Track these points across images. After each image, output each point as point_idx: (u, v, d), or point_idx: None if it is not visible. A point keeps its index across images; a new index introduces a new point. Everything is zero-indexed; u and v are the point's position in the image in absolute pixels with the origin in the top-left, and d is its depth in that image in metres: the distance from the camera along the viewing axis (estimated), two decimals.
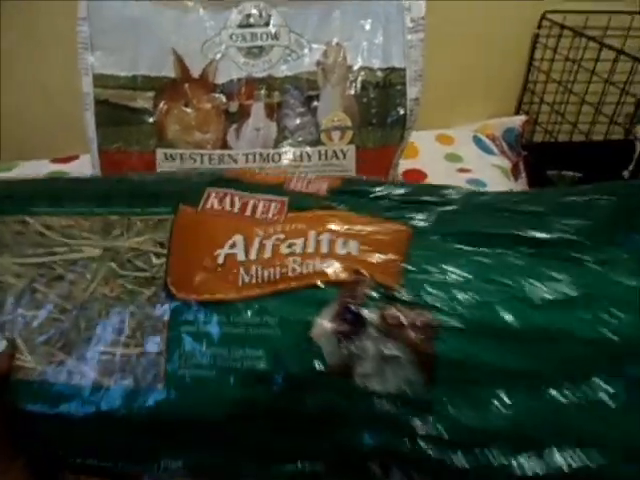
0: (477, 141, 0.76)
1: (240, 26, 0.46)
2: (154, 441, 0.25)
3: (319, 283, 0.24)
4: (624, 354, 0.22)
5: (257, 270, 0.25)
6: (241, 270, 0.25)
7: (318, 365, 0.23)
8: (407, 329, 0.23)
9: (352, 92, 0.46)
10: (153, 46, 0.44)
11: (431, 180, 0.66)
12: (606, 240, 0.24)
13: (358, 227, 0.26)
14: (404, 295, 0.23)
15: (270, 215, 0.28)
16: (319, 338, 0.23)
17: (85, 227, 0.28)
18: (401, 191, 0.30)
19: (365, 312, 0.23)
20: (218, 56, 0.46)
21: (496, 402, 0.22)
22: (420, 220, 0.27)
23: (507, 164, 0.74)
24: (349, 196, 0.29)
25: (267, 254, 0.25)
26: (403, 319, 0.23)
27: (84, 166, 0.70)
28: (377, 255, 0.25)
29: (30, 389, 0.25)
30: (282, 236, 0.26)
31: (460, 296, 0.23)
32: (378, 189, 0.30)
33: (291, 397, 0.23)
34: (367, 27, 0.46)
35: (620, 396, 0.21)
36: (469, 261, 0.24)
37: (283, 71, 0.46)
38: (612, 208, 0.26)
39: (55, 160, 0.72)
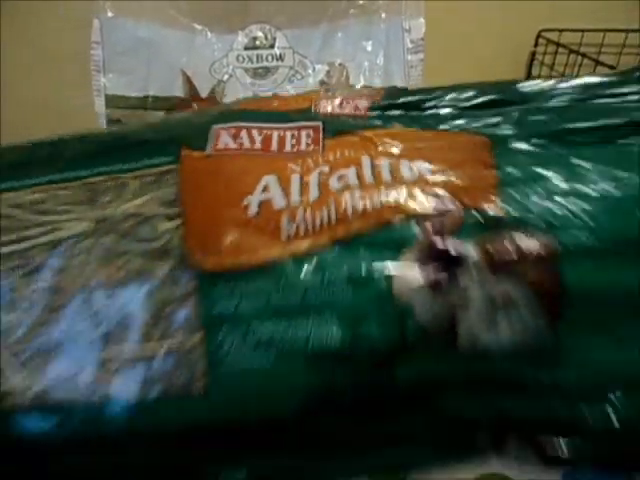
0: None
1: (246, 48, 0.48)
2: (203, 453, 0.19)
3: (392, 219, 0.18)
4: None
5: (304, 215, 0.19)
6: (283, 219, 0.19)
7: (409, 329, 0.17)
8: (520, 260, 0.17)
9: None
10: (163, 67, 0.46)
11: None
12: None
13: (422, 144, 0.20)
14: (506, 217, 0.17)
15: (303, 146, 0.21)
16: (405, 293, 0.17)
17: (64, 198, 0.22)
18: (464, 95, 0.24)
19: (461, 247, 0.17)
20: (225, 77, 0.47)
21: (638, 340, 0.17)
22: (498, 126, 0.21)
23: None
24: (399, 110, 0.23)
25: (313, 193, 0.19)
26: (512, 248, 0.17)
27: None
28: (458, 173, 0.18)
29: (24, 417, 0.19)
30: (326, 168, 0.20)
31: (578, 208, 0.17)
32: (434, 95, 0.24)
33: (376, 375, 0.18)
34: (369, 48, 0.48)
35: None
36: (573, 165, 0.18)
37: (288, 90, 0.48)
38: None
39: None
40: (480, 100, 0.23)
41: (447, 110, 0.23)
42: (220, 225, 0.19)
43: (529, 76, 0.81)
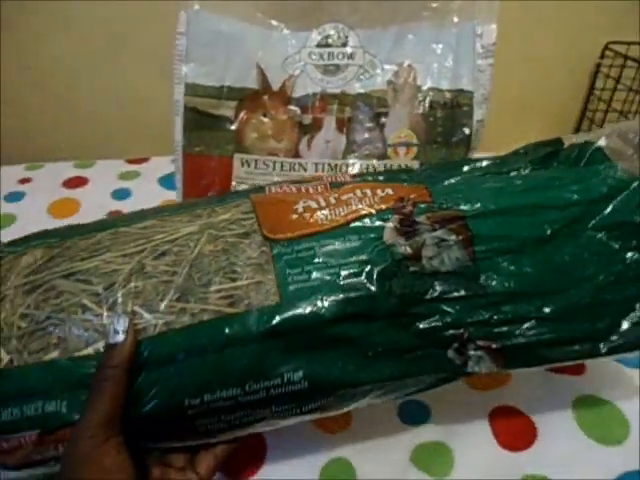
0: None
1: (319, 45, 0.50)
2: (275, 352, 0.28)
3: (380, 209, 0.32)
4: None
5: (330, 211, 0.32)
6: (317, 213, 0.32)
7: (396, 256, 0.30)
8: (447, 221, 0.31)
9: (420, 111, 0.49)
10: (240, 60, 0.48)
11: None
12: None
13: (388, 188, 0.34)
14: (435, 203, 0.33)
15: (319, 190, 0.35)
16: (391, 239, 0.31)
17: (175, 219, 0.34)
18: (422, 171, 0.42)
19: (416, 217, 0.32)
20: (297, 72, 0.49)
21: (517, 266, 0.31)
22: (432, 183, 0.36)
23: None
24: (375, 175, 0.40)
25: (332, 202, 0.33)
26: (440, 215, 0.32)
27: (154, 167, 0.75)
28: (409, 190, 0.34)
29: (152, 344, 0.28)
30: (336, 195, 0.34)
31: (472, 195, 0.32)
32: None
33: (380, 286, 0.29)
34: (438, 51, 0.49)
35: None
36: (470, 176, 0.37)
37: (356, 88, 0.50)
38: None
39: (129, 161, 0.77)
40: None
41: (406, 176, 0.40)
42: (281, 219, 0.32)
43: (592, 87, 0.80)
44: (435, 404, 0.41)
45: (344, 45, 0.49)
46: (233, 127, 0.49)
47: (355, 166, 0.50)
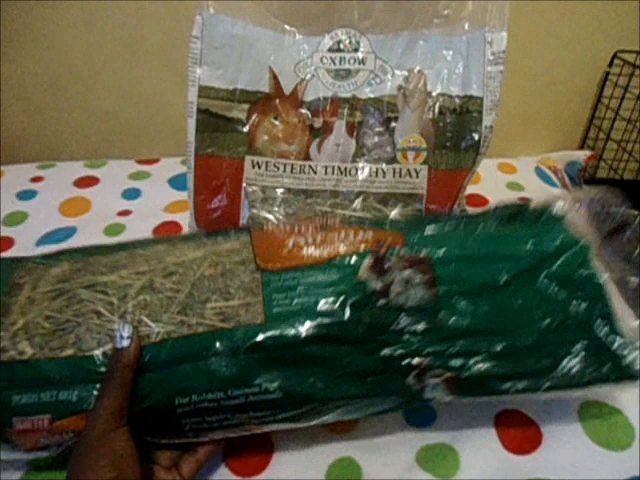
0: (539, 172, 0.77)
1: (330, 50, 0.50)
2: (256, 364, 0.33)
3: (358, 249, 0.36)
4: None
5: (315, 248, 0.37)
6: (304, 249, 0.37)
7: (368, 290, 0.34)
8: (416, 263, 0.35)
9: (429, 116, 0.50)
10: (253, 63, 0.49)
11: None
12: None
13: (369, 232, 0.38)
14: (407, 247, 0.37)
15: (310, 229, 0.39)
16: (365, 276, 0.35)
17: (184, 245, 0.39)
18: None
19: (388, 258, 0.36)
20: (308, 76, 0.50)
21: (474, 306, 0.35)
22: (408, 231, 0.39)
23: None
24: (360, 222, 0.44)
25: (319, 240, 0.37)
26: (409, 258, 0.36)
27: (164, 168, 0.76)
28: (386, 234, 0.38)
29: (154, 349, 0.33)
30: (324, 234, 0.38)
31: (440, 242, 0.37)
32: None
33: (351, 315, 0.34)
34: (449, 57, 0.49)
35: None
36: (443, 228, 0.39)
37: (366, 93, 0.50)
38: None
39: (139, 161, 0.78)
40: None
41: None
42: (274, 251, 0.37)
43: (601, 95, 0.80)
44: (441, 407, 0.41)
45: (356, 50, 0.50)
46: (245, 129, 0.50)
47: (365, 169, 0.50)
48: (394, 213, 0.49)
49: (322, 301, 0.34)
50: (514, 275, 0.35)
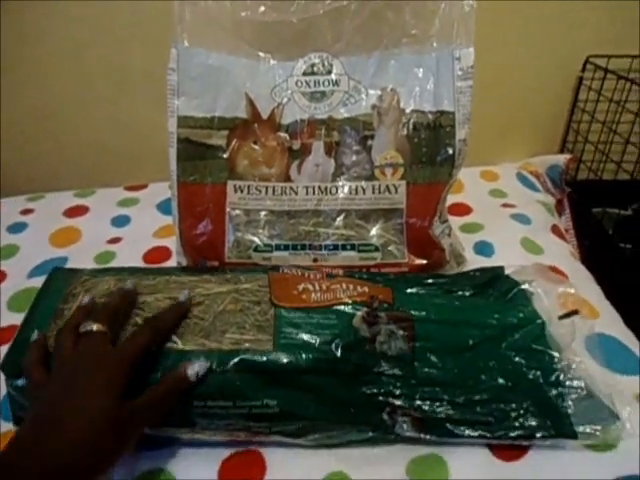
0: (521, 178, 0.79)
1: (305, 74, 0.52)
2: (261, 383, 0.38)
3: (355, 301, 0.43)
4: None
5: (321, 294, 0.44)
6: (312, 294, 0.44)
7: (359, 336, 0.41)
8: (398, 320, 0.41)
9: (404, 133, 0.51)
10: (229, 91, 0.51)
11: (476, 214, 0.69)
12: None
13: (365, 286, 0.45)
14: (395, 306, 0.43)
15: (318, 277, 0.46)
16: (357, 324, 0.41)
17: (211, 278, 0.46)
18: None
19: (378, 313, 0.42)
20: (285, 100, 0.51)
21: (443, 362, 0.41)
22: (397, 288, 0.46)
23: (551, 201, 0.76)
24: (360, 274, 0.51)
25: (324, 288, 0.44)
26: (395, 315, 0.42)
27: (153, 194, 0.77)
28: (379, 290, 0.45)
29: (178, 357, 0.39)
30: (328, 284, 0.45)
31: (422, 305, 0.43)
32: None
33: (343, 354, 0.40)
34: (420, 75, 0.51)
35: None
36: (426, 289, 0.48)
37: (342, 113, 0.52)
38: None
39: (128, 188, 0.79)
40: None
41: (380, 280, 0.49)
42: (286, 293, 0.44)
43: (576, 100, 0.82)
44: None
45: (329, 72, 0.52)
46: (225, 155, 0.51)
47: (344, 188, 0.51)
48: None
49: (320, 339, 0.40)
50: (480, 341, 0.42)
